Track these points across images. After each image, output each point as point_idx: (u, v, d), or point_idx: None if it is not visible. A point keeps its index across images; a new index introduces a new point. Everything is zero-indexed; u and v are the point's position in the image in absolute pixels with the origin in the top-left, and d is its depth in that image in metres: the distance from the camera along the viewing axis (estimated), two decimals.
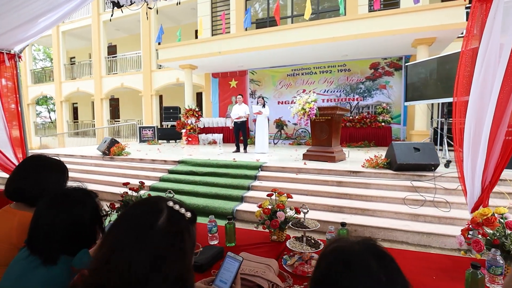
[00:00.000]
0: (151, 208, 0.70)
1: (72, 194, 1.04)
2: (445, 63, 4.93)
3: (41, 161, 1.30)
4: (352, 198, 4.08)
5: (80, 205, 1.02)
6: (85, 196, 1.06)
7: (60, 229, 0.96)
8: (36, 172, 1.26)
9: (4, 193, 1.27)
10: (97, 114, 14.85)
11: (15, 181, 1.24)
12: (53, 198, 1.02)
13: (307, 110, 5.39)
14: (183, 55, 9.89)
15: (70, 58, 18.48)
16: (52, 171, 1.30)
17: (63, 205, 0.99)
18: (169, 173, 5.57)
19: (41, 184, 1.25)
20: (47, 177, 1.27)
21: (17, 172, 1.27)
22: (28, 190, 1.22)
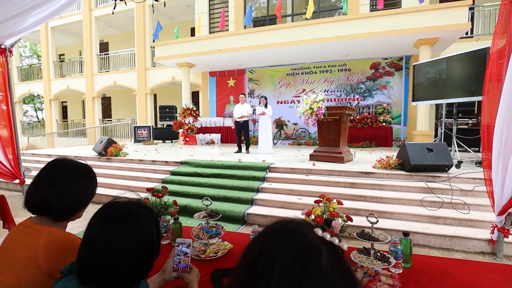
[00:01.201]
0: (305, 249, 0.45)
1: (133, 209, 0.85)
2: (455, 63, 4.88)
3: (69, 167, 1.10)
4: (367, 200, 3.96)
5: (149, 222, 0.84)
6: (147, 210, 0.87)
7: (128, 253, 0.77)
8: (63, 180, 1.06)
9: (25, 205, 1.06)
10: (88, 113, 14.38)
11: (38, 191, 1.04)
12: (113, 215, 0.82)
13: (315, 110, 5.25)
14: (181, 53, 9.64)
15: (59, 55, 17.88)
16: (81, 179, 1.10)
17: (130, 224, 0.80)
18: (172, 175, 5.34)
19: (70, 194, 1.05)
20: (76, 186, 1.07)
21: (40, 180, 1.06)
22: (55, 201, 1.02)
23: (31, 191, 1.05)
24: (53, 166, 1.09)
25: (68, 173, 1.08)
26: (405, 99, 8.99)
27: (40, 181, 1.06)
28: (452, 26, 6.66)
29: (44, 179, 1.05)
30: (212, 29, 11.20)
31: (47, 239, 0.98)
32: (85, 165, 1.14)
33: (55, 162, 1.11)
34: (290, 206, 4.03)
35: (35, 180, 1.07)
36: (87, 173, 1.13)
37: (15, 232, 1.05)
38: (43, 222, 1.03)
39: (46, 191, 1.02)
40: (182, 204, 4.27)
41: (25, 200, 1.06)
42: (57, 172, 1.07)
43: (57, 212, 1.04)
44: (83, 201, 1.10)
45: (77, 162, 1.13)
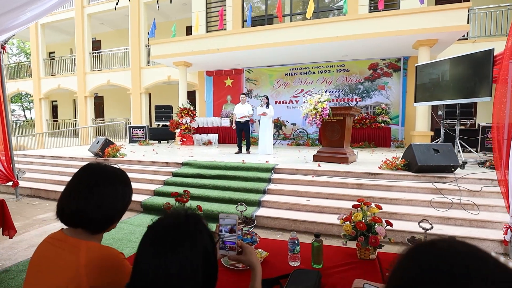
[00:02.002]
0: None
1: (188, 226, 0.74)
2: (458, 64, 4.91)
3: (105, 173, 0.99)
4: (376, 202, 3.90)
5: (204, 237, 0.73)
6: (200, 223, 0.77)
7: (194, 278, 0.67)
8: (101, 188, 0.95)
9: (58, 216, 0.95)
10: (80, 113, 14.02)
11: (73, 201, 0.92)
12: (167, 238, 0.70)
13: (319, 110, 5.20)
14: (178, 52, 9.47)
15: (49, 53, 17.40)
16: (119, 185, 0.99)
17: (187, 246, 0.68)
18: (174, 176, 5.21)
19: (108, 203, 0.95)
20: (114, 194, 0.97)
21: (75, 188, 0.95)
22: (92, 212, 0.92)
23: (64, 201, 0.93)
24: (87, 172, 0.98)
25: (105, 179, 0.97)
26: (403, 100, 9.06)
27: (74, 190, 0.94)
28: (451, 28, 6.73)
29: (79, 187, 0.94)
30: (209, 28, 11.06)
31: (89, 256, 0.87)
32: (120, 170, 1.04)
33: (90, 167, 1.00)
34: (298, 208, 3.96)
35: (69, 188, 0.96)
36: (124, 178, 1.03)
37: (46, 246, 0.93)
38: (79, 235, 0.93)
39: (82, 201, 0.91)
40: (186, 207, 4.15)
41: (58, 211, 0.95)
42: (93, 178, 0.96)
43: (94, 223, 0.93)
44: (122, 211, 1.00)
45: (111, 166, 1.02)
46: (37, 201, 5.17)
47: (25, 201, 5.14)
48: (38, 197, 5.40)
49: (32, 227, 3.86)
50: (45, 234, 3.34)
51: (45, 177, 5.90)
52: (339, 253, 1.51)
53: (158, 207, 4.30)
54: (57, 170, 6.19)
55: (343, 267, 1.33)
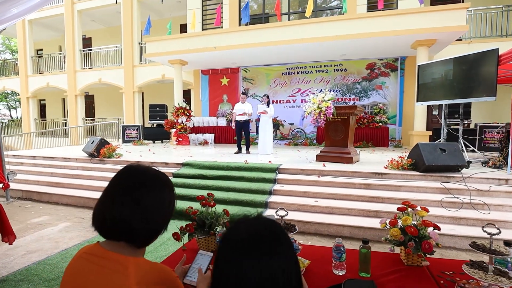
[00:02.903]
0: None
1: (275, 227, 0.64)
2: (462, 63, 4.91)
3: (150, 177, 0.86)
4: (385, 202, 3.87)
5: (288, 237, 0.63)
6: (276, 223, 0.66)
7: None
8: (148, 193, 0.82)
9: (96, 228, 0.81)
10: (70, 112, 13.60)
11: (117, 209, 0.78)
12: (257, 240, 0.60)
13: (323, 109, 5.12)
14: (173, 50, 9.26)
15: (37, 50, 16.82)
16: (165, 191, 0.86)
17: (280, 247, 0.60)
18: (175, 177, 5.04)
19: (155, 213, 0.82)
20: (161, 202, 0.84)
21: (118, 194, 0.81)
22: (138, 223, 0.78)
23: (106, 210, 0.79)
24: (131, 176, 0.84)
25: (152, 184, 0.84)
26: (400, 99, 9.11)
27: (118, 196, 0.80)
28: (450, 28, 6.77)
29: (123, 194, 0.80)
30: (204, 26, 10.88)
31: (139, 275, 0.74)
32: (162, 172, 0.90)
33: (133, 170, 0.86)
34: (307, 209, 3.87)
35: (110, 194, 0.82)
36: (169, 182, 0.89)
37: (82, 264, 0.79)
38: (123, 250, 0.79)
39: (128, 210, 0.78)
40: None
41: (96, 221, 0.81)
42: (138, 183, 0.82)
43: (141, 235, 0.80)
44: (168, 220, 0.87)
45: (154, 168, 0.89)
46: (29, 204, 4.92)
47: (16, 204, 4.88)
48: (31, 200, 5.14)
49: (27, 232, 3.64)
50: (42, 240, 3.13)
51: (37, 179, 5.63)
52: (383, 259, 1.41)
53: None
54: (50, 171, 5.92)
55: (392, 275, 1.23)
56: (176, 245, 3.16)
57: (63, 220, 4.11)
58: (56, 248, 3.16)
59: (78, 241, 3.34)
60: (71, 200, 4.83)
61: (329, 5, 10.14)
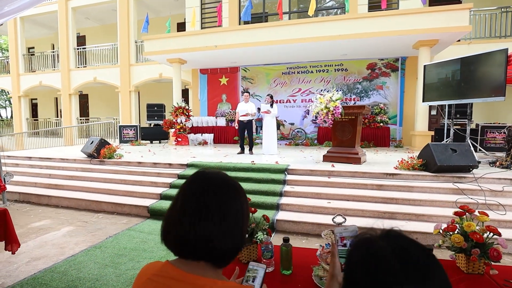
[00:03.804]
0: None
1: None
2: (470, 64, 4.90)
3: (229, 185, 0.75)
4: (399, 203, 3.81)
5: None
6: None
7: None
8: (230, 205, 0.71)
9: (172, 246, 0.70)
10: (64, 111, 13.26)
11: (200, 224, 0.66)
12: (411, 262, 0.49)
13: (331, 109, 5.05)
14: (173, 48, 9.08)
15: (28, 49, 16.36)
16: (244, 201, 0.75)
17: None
18: (180, 178, 4.90)
19: (239, 225, 0.71)
20: (241, 213, 0.73)
21: (197, 207, 0.68)
22: (220, 239, 0.67)
23: (185, 225, 0.67)
24: (207, 186, 0.72)
25: (232, 194, 0.73)
26: (401, 99, 9.12)
27: (197, 209, 0.68)
28: (453, 29, 6.79)
29: (199, 206, 0.69)
30: (203, 25, 10.72)
31: None
32: (235, 180, 0.79)
33: (207, 179, 0.74)
34: (320, 210, 3.78)
35: (187, 206, 0.69)
36: (243, 191, 0.78)
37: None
38: (204, 272, 0.67)
39: (211, 225, 0.66)
40: None
41: (169, 239, 0.69)
42: (220, 193, 0.71)
43: (224, 254, 0.69)
44: (246, 233, 0.76)
45: (226, 174, 0.78)
46: (28, 207, 4.72)
47: (14, 207, 4.67)
48: (29, 203, 4.93)
49: (29, 237, 3.46)
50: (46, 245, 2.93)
51: (35, 181, 5.42)
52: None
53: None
54: (48, 173, 5.70)
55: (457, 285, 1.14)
56: None
57: (66, 224, 3.94)
58: (62, 254, 3.00)
59: (84, 246, 3.19)
60: (72, 203, 4.65)
61: (331, 5, 10.10)
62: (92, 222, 4.02)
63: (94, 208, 4.48)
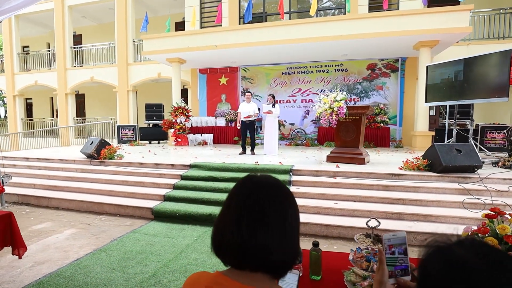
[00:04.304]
0: None
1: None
2: (473, 64, 4.92)
3: (283, 190, 0.70)
4: (406, 203, 3.80)
5: None
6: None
7: None
8: (288, 212, 0.66)
9: (222, 257, 0.65)
10: (60, 111, 13.07)
11: (259, 233, 0.62)
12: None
13: (335, 110, 5.03)
14: (172, 48, 9.00)
15: (23, 47, 16.11)
16: (296, 208, 0.71)
17: None
18: (183, 179, 4.84)
19: (295, 232, 0.67)
20: (296, 220, 0.69)
21: (251, 215, 0.64)
22: (278, 249, 0.63)
23: (244, 233, 0.62)
24: (262, 192, 0.68)
25: (286, 202, 0.68)
26: (401, 100, 9.16)
27: (251, 218, 0.63)
28: (454, 29, 6.82)
29: (257, 214, 0.64)
30: (203, 24, 10.65)
31: None
32: (285, 185, 0.74)
33: (261, 184, 0.69)
34: (327, 211, 3.75)
35: (238, 214, 0.64)
36: (294, 196, 0.74)
37: None
38: (262, 284, 0.62)
39: (270, 233, 0.62)
40: (204, 213, 3.83)
41: (222, 249, 0.65)
42: (273, 201, 0.66)
43: (279, 264, 0.64)
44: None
45: (279, 180, 0.73)
46: (27, 209, 4.62)
47: (13, 210, 4.54)
48: (28, 205, 4.83)
49: (31, 240, 3.37)
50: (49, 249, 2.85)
51: (33, 182, 5.31)
52: None
53: (172, 213, 3.93)
54: (47, 174, 5.59)
55: None
56: (197, 253, 2.99)
57: (68, 226, 3.85)
58: (67, 258, 2.92)
59: (89, 249, 3.11)
60: (72, 205, 4.56)
61: (330, 5, 10.10)
62: (95, 224, 3.94)
63: (96, 210, 4.39)
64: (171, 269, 2.64)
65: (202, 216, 3.81)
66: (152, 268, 2.67)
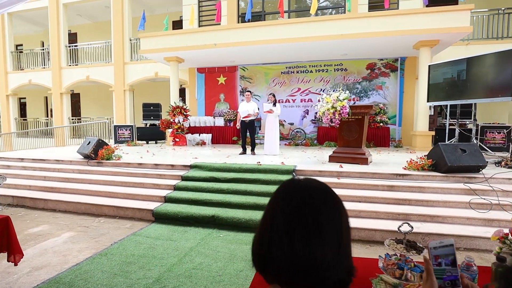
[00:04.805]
0: None
1: None
2: (477, 64, 4.90)
3: (334, 197, 0.62)
4: (412, 204, 3.75)
5: None
6: None
7: None
8: (337, 222, 0.58)
9: (273, 272, 0.57)
10: (55, 111, 12.84)
11: (307, 246, 0.53)
12: None
13: (338, 109, 4.97)
14: (171, 46, 8.87)
15: (16, 46, 15.81)
16: (347, 214, 0.63)
17: None
18: (184, 180, 4.73)
19: (348, 244, 0.59)
20: (348, 229, 0.60)
21: (304, 226, 0.55)
22: (336, 262, 0.55)
23: (286, 246, 0.54)
24: (312, 199, 0.59)
25: (338, 210, 0.60)
26: (400, 100, 9.14)
27: (304, 229, 0.55)
28: (454, 29, 6.81)
29: (310, 225, 0.55)
30: (201, 23, 10.54)
31: None
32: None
33: (310, 190, 0.61)
34: None
35: (287, 224, 0.56)
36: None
37: None
38: None
39: (321, 247, 0.54)
40: (207, 215, 3.74)
41: (273, 262, 0.56)
42: (326, 209, 0.58)
43: (335, 280, 0.56)
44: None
45: (327, 185, 0.65)
46: (22, 212, 4.47)
47: (8, 212, 4.41)
48: (23, 207, 4.68)
49: (27, 244, 3.24)
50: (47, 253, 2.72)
51: (29, 183, 5.16)
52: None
53: (173, 215, 3.83)
54: (43, 175, 5.43)
55: None
56: (202, 256, 2.90)
57: (66, 229, 3.73)
58: (65, 263, 2.81)
59: (89, 253, 3.00)
60: (70, 207, 4.43)
61: (327, 4, 10.05)
62: (94, 227, 3.82)
63: (94, 212, 4.27)
64: (176, 274, 2.55)
65: (205, 218, 3.72)
66: (156, 273, 2.57)
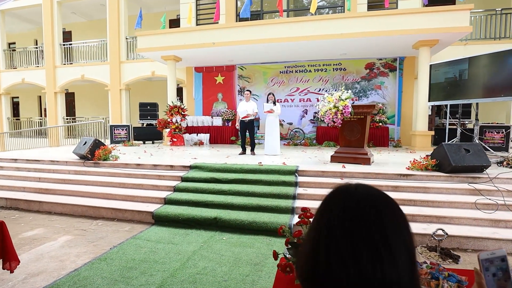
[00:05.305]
0: None
1: None
2: (479, 63, 4.87)
3: (396, 207, 0.53)
4: (417, 205, 3.70)
5: None
6: None
7: None
8: (404, 235, 0.49)
9: None
10: (49, 110, 12.60)
11: (377, 265, 0.45)
12: None
13: (340, 109, 4.91)
14: (168, 45, 8.74)
15: (9, 44, 15.49)
16: (410, 226, 0.54)
17: None
18: (184, 181, 4.63)
19: (415, 261, 0.50)
20: (414, 244, 0.52)
21: (369, 241, 0.46)
22: (408, 281, 0.46)
23: (350, 264, 0.46)
24: (375, 209, 0.50)
25: (404, 223, 0.51)
26: (399, 99, 9.13)
27: (368, 246, 0.46)
28: (454, 29, 6.79)
29: (375, 241, 0.47)
30: (198, 21, 10.41)
31: None
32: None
33: (370, 200, 0.52)
34: None
35: (348, 239, 0.47)
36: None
37: None
38: None
39: (392, 265, 0.45)
40: (209, 217, 3.64)
41: (332, 281, 0.47)
42: (392, 222, 0.49)
43: None
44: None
45: (385, 193, 0.56)
46: (16, 214, 4.33)
47: (1, 215, 4.27)
48: (17, 209, 4.53)
49: (22, 248, 3.12)
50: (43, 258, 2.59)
51: (23, 185, 5.00)
52: None
53: (174, 217, 3.73)
54: (37, 176, 5.28)
55: None
56: (206, 260, 2.80)
57: (62, 233, 3.60)
58: (63, 268, 2.70)
59: (87, 258, 2.89)
60: (66, 209, 4.30)
61: (332, 3, 10.01)
62: (92, 230, 3.70)
63: (92, 214, 4.15)
64: (179, 279, 2.45)
65: (207, 220, 3.62)
66: (159, 279, 2.47)
